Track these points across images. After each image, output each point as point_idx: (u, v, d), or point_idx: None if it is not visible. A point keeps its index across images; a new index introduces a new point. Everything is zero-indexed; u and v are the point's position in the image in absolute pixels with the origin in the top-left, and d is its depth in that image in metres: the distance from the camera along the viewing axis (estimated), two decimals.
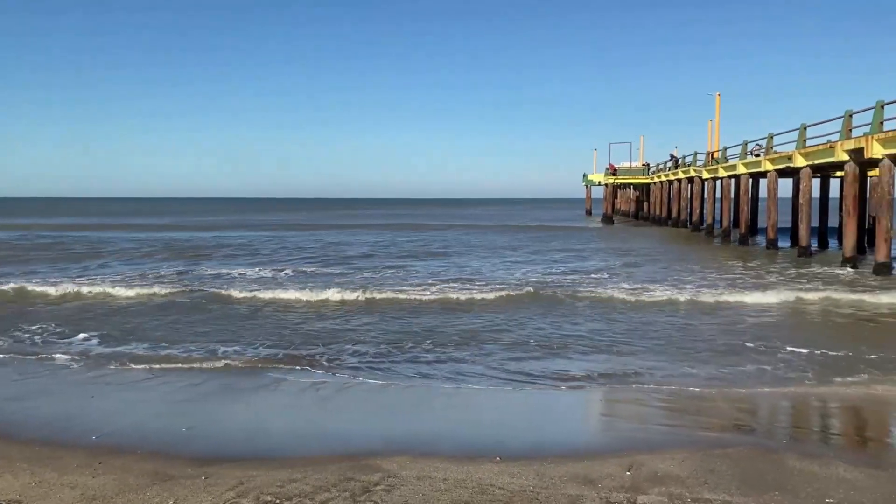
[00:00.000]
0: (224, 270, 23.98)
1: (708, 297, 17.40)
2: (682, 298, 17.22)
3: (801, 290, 18.41)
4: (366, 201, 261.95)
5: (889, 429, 8.14)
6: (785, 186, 34.44)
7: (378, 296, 17.55)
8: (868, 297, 17.03)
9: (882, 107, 21.62)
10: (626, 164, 71.23)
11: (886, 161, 21.31)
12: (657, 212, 60.06)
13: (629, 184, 74.50)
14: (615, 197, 78.69)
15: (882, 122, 21.63)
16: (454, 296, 17.59)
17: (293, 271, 23.86)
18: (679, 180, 50.82)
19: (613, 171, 68.22)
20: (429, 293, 17.94)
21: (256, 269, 24.27)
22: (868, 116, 22.31)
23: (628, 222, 66.95)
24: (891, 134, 20.82)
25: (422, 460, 6.59)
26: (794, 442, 7.23)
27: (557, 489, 5.86)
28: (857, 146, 22.57)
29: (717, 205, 43.99)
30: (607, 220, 65.79)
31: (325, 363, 10.99)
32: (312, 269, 24.82)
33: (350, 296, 17.50)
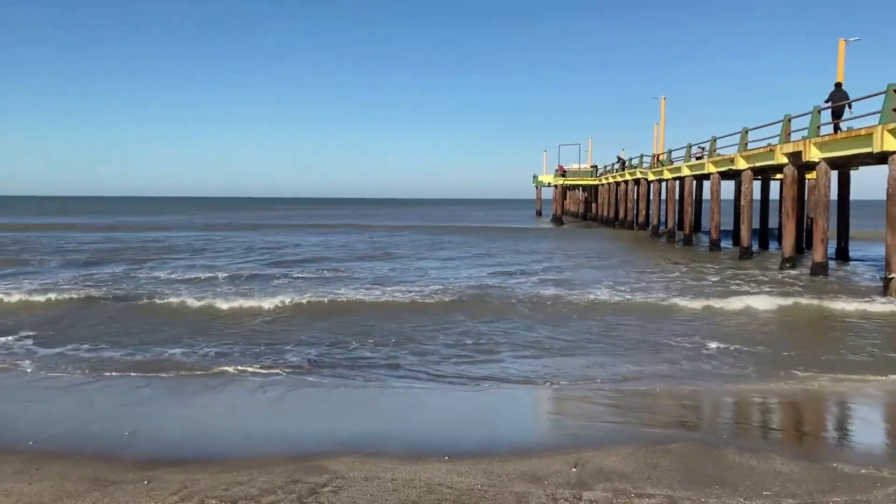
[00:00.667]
0: (164, 272, 23.44)
1: (648, 298, 17.73)
2: (619, 299, 17.52)
3: (737, 290, 18.92)
4: (315, 201, 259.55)
5: (823, 423, 8.43)
6: (728, 188, 35.43)
7: (323, 298, 17.38)
8: (802, 300, 17.61)
9: (819, 112, 22.39)
10: (575, 166, 72.24)
11: (823, 164, 22.07)
12: (605, 213, 61.04)
13: (578, 185, 75.50)
14: (564, 198, 79.70)
15: (819, 127, 22.40)
16: (399, 297, 17.52)
17: (237, 273, 23.48)
18: (626, 182, 51.75)
19: (562, 173, 69.08)
20: (373, 295, 17.85)
21: (200, 271, 23.80)
22: (806, 121, 23.08)
23: (577, 223, 67.81)
24: (827, 138, 21.57)
25: (370, 461, 6.57)
26: (734, 437, 7.44)
27: (505, 487, 5.91)
28: (796, 150, 23.31)
29: (663, 206, 44.94)
30: (557, 220, 66.56)
31: (271, 364, 10.85)
32: (258, 270, 24.48)
33: (295, 298, 17.30)
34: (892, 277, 17.80)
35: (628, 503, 5.55)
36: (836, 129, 22.41)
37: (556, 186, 69.95)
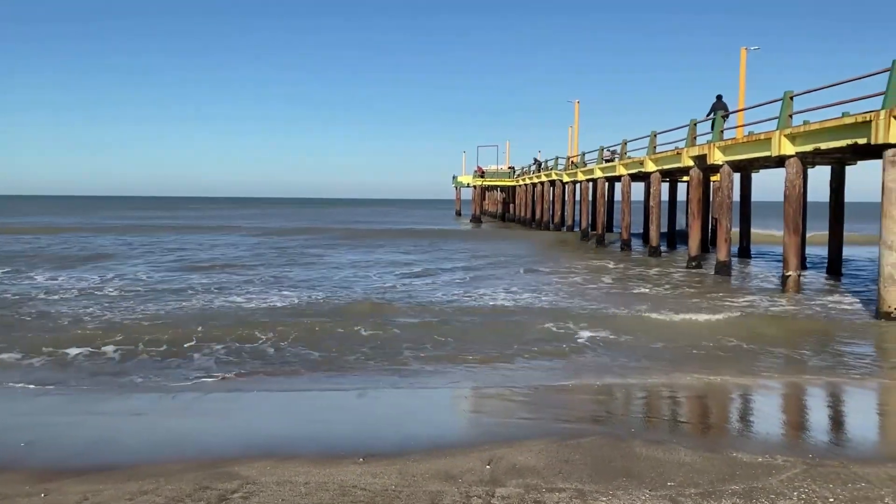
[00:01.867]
0: (57, 276, 22.41)
1: (553, 298, 18.14)
2: (525, 298, 17.85)
3: (642, 288, 19.59)
4: (231, 200, 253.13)
5: (725, 415, 8.81)
6: (638, 190, 36.64)
7: (225, 300, 16.97)
8: (694, 299, 18.37)
9: (723, 117, 23.43)
10: (494, 167, 73.20)
11: (726, 167, 23.11)
12: (522, 213, 62.11)
13: (496, 186, 76.50)
14: (483, 198, 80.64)
15: (722, 131, 23.45)
16: (308, 301, 17.24)
17: (133, 278, 22.67)
18: (542, 183, 52.78)
19: (481, 174, 69.89)
20: (286, 300, 17.54)
21: (102, 275, 22.86)
22: (710, 125, 24.09)
23: (496, 223, 68.71)
24: (730, 142, 22.61)
25: (283, 465, 6.45)
26: (642, 430, 7.69)
27: (419, 487, 5.92)
28: (701, 153, 24.33)
29: (578, 207, 46.07)
30: (476, 220, 67.29)
31: (177, 368, 10.51)
32: (162, 274, 23.71)
33: (201, 299, 16.82)
34: (790, 275, 18.81)
35: (539, 498, 5.66)
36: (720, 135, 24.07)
37: (475, 187, 70.68)
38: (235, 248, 34.72)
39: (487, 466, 6.39)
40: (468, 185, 76.49)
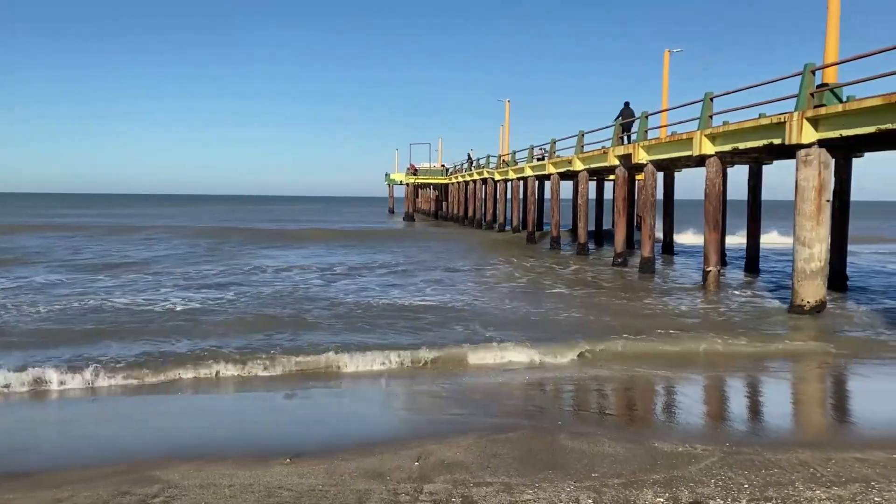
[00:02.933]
0: None
1: (465, 297, 18.31)
2: (424, 301, 17.96)
3: (566, 285, 19.96)
4: (165, 198, 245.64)
5: (648, 406, 9.06)
6: (568, 188, 37.27)
7: (128, 301, 16.47)
8: (602, 297, 18.85)
9: (646, 117, 24.07)
10: (426, 165, 73.29)
11: (650, 166, 23.75)
12: (455, 211, 62.39)
13: (429, 184, 76.62)
14: (416, 196, 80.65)
15: (647, 131, 24.08)
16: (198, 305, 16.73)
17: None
18: (474, 181, 53.13)
19: (414, 171, 69.85)
20: (203, 301, 17.13)
21: None
22: (636, 126, 24.72)
23: (429, 221, 68.80)
24: (654, 142, 23.24)
25: (207, 467, 6.30)
26: (568, 423, 7.84)
27: (347, 485, 5.88)
28: (626, 152, 24.93)
29: (509, 205, 46.56)
30: (409, 218, 67.20)
31: (94, 372, 10.11)
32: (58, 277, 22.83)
33: (107, 299, 16.25)
34: (710, 270, 19.48)
35: (467, 493, 5.70)
36: (628, 139, 26.07)
37: (407, 185, 70.58)
38: (151, 248, 33.63)
39: (416, 463, 6.39)
40: (401, 183, 76.36)
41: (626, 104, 27.06)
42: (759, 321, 14.78)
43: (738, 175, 29.34)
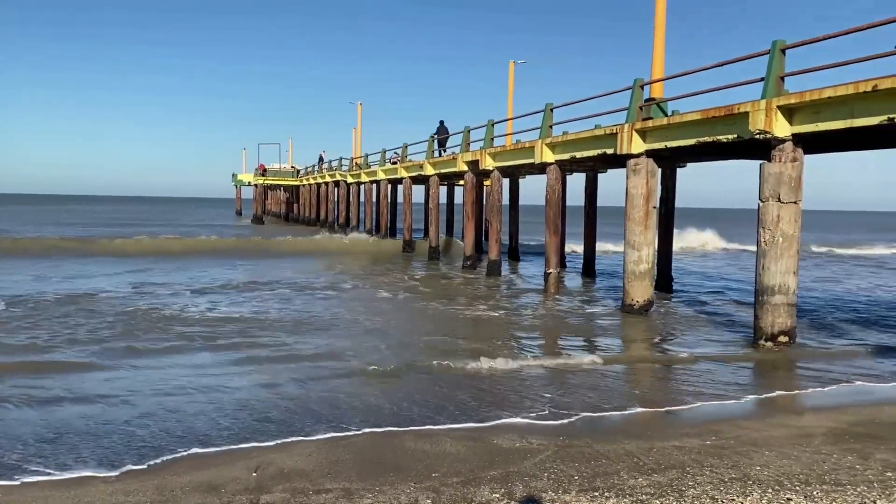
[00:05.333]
0: None
1: (281, 305, 18.15)
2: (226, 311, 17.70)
3: (383, 292, 20.22)
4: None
5: (490, 402, 9.26)
6: (420, 193, 37.72)
7: None
8: (435, 303, 19.35)
9: (492, 125, 24.84)
10: (277, 166, 71.53)
11: (496, 172, 24.54)
12: (307, 213, 61.34)
13: (279, 185, 74.80)
14: (266, 198, 78.50)
15: (493, 139, 24.85)
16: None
17: None
18: (326, 183, 52.52)
19: (263, 172, 67.99)
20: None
21: None
22: (483, 133, 25.45)
23: (279, 223, 67.16)
24: (499, 149, 24.03)
25: (17, 491, 5.76)
26: (412, 424, 7.89)
27: (178, 502, 5.59)
28: (474, 158, 25.62)
29: (362, 208, 46.41)
30: (257, 220, 65.30)
31: None
32: None
33: None
34: (551, 272, 20.39)
35: (306, 501, 5.59)
36: (442, 153, 30.62)
37: (256, 186, 68.58)
38: None
39: (254, 474, 6.19)
40: (249, 184, 74.02)
41: (441, 122, 31.24)
42: (592, 320, 15.66)
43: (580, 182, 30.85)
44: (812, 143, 13.09)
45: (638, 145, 16.00)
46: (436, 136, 30.95)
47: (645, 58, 16.43)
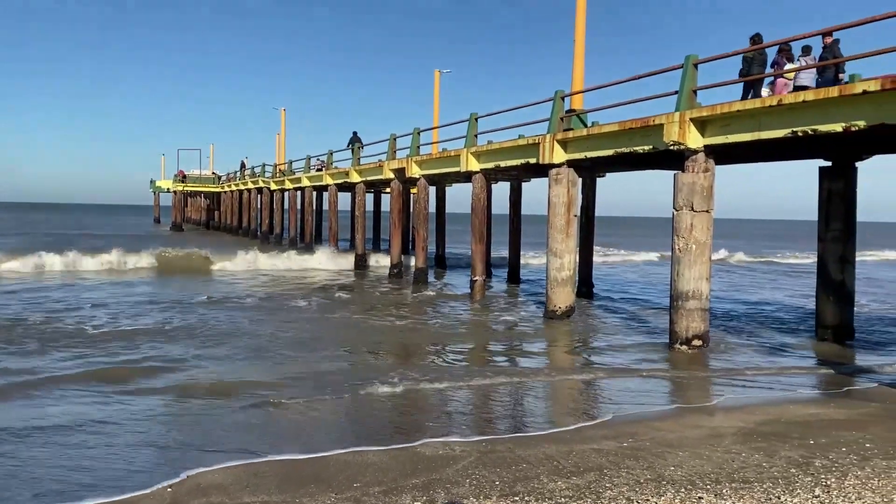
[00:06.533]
0: None
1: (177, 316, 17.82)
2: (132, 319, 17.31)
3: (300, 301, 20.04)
4: None
5: (416, 412, 9.26)
6: (346, 200, 37.39)
7: None
8: (355, 315, 19.33)
9: (418, 133, 24.93)
10: (197, 172, 69.69)
11: (423, 180, 24.60)
12: (228, 221, 59.95)
13: (200, 192, 72.87)
14: (186, 205, 76.32)
15: (419, 147, 24.93)
16: None
17: None
18: (249, 190, 51.50)
19: (183, 178, 66.16)
20: None
21: None
22: (410, 140, 25.50)
23: (199, 231, 65.40)
24: (425, 157, 24.11)
25: None
26: (327, 436, 7.78)
27: None
28: (400, 166, 25.62)
29: (286, 215, 45.64)
30: (177, 228, 63.47)
31: None
32: None
33: None
34: (476, 280, 20.57)
35: None
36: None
37: (175, 192, 66.66)
38: None
39: (169, 489, 6.00)
40: (168, 191, 71.78)
41: (355, 133, 32.41)
42: (516, 327, 15.88)
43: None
44: (723, 155, 13.67)
45: (559, 155, 16.35)
46: (349, 147, 32.28)
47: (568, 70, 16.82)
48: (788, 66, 11.99)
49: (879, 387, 10.61)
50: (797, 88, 11.68)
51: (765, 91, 12.37)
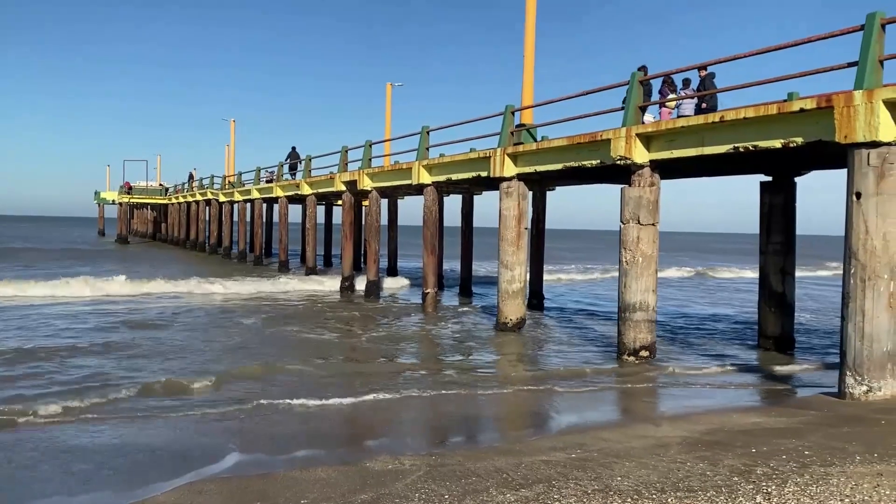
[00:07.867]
0: None
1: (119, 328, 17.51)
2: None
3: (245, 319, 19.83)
4: None
5: (364, 429, 9.19)
6: (297, 212, 37.13)
7: None
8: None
9: (370, 146, 24.88)
10: (143, 183, 68.22)
11: (374, 193, 24.55)
12: (176, 233, 58.80)
13: (147, 203, 71.34)
14: (131, 217, 74.66)
15: (371, 159, 24.88)
16: None
17: None
18: (197, 202, 50.63)
19: (129, 189, 64.71)
20: None
21: None
22: (361, 153, 25.44)
23: (146, 243, 64.00)
24: (377, 169, 24.08)
25: None
26: (284, 453, 7.68)
27: None
28: (352, 178, 25.53)
29: (235, 227, 45.01)
30: (122, 240, 62.01)
31: None
32: None
33: None
34: (428, 292, 20.58)
35: None
36: (292, 177, 33.03)
37: (121, 204, 65.14)
38: None
39: None
40: (113, 202, 70.02)
41: (294, 148, 33.65)
42: (469, 337, 15.92)
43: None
44: (668, 169, 14.00)
45: (510, 169, 16.50)
46: (288, 161, 33.36)
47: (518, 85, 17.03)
48: (671, 96, 13.28)
49: (817, 395, 10.94)
50: (680, 117, 12.85)
51: (647, 117, 13.46)
